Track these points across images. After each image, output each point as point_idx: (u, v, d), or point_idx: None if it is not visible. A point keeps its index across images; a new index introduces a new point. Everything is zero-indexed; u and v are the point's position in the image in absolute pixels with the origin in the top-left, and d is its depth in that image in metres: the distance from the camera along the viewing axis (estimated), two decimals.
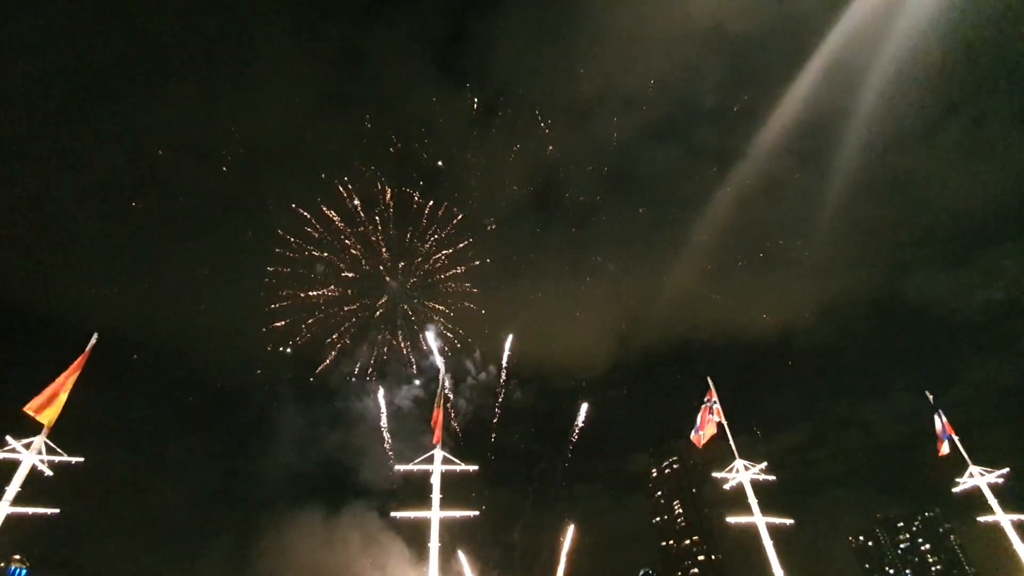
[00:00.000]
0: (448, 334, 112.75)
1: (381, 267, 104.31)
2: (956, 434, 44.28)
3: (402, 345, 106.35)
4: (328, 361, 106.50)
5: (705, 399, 44.49)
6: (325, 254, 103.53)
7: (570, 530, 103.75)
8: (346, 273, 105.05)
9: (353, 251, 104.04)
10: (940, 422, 44.65)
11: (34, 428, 29.46)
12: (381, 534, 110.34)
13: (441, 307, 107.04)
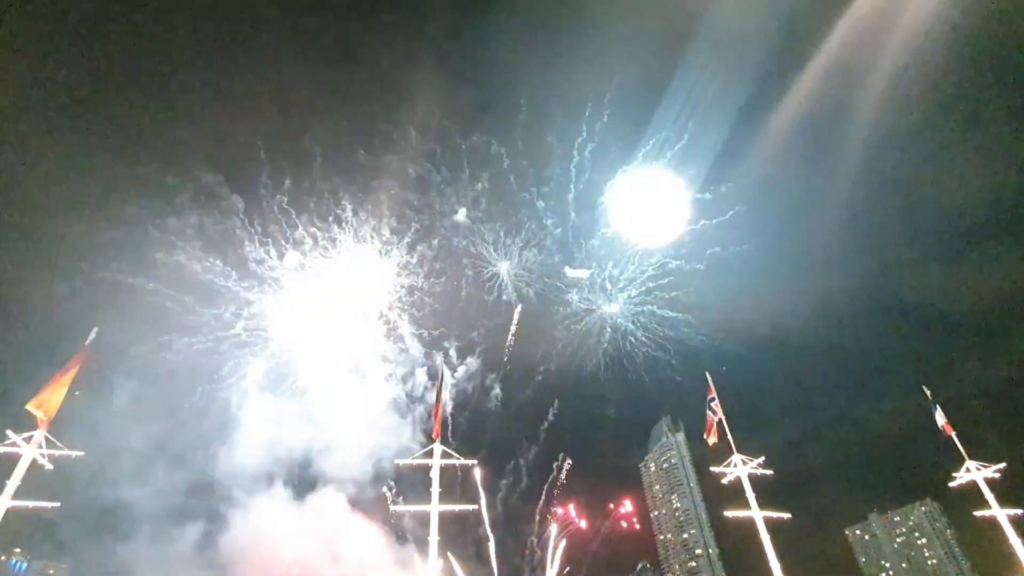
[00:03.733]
0: (429, 331, 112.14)
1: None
2: (953, 430, 44.50)
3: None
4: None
5: (708, 396, 44.84)
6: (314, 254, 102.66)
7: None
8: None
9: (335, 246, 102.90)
10: (940, 417, 44.86)
11: (34, 422, 29.50)
12: (358, 525, 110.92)
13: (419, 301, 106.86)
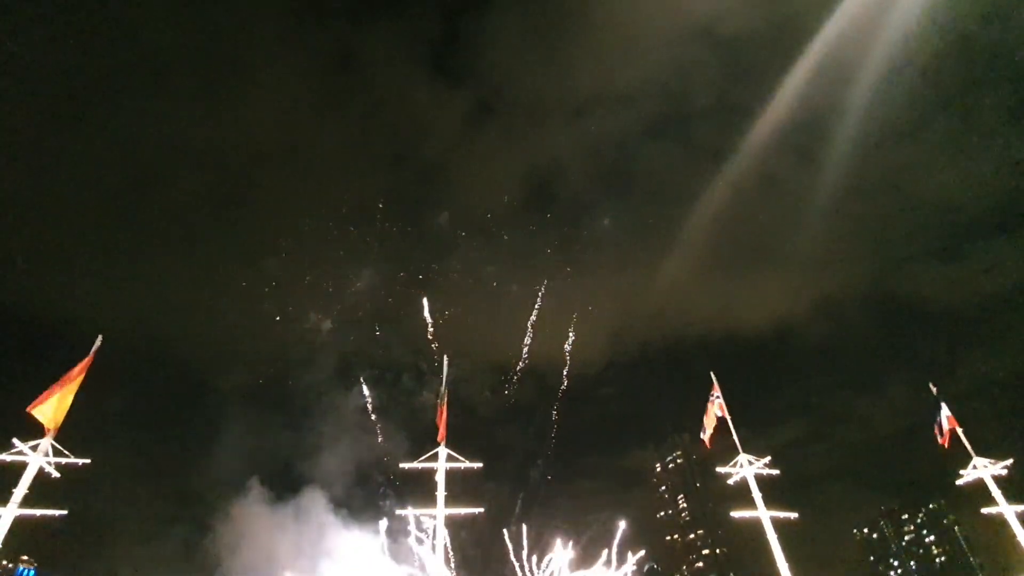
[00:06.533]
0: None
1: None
2: (959, 426, 44.26)
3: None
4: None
5: (711, 394, 44.37)
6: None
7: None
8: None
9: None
10: (942, 414, 44.58)
11: (41, 430, 29.61)
12: (341, 526, 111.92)
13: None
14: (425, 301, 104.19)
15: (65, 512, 30.12)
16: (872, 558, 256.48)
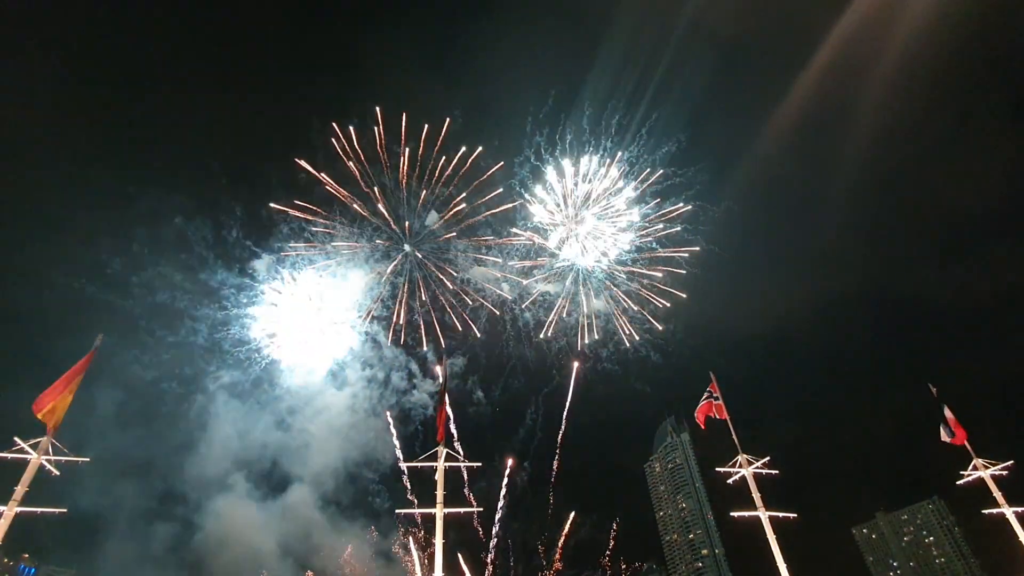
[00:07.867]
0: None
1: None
2: (961, 427, 44.33)
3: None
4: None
5: (708, 391, 44.74)
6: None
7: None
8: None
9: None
10: (946, 414, 44.69)
11: (41, 428, 29.61)
12: (330, 525, 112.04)
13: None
14: (417, 304, 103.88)
15: (64, 510, 30.15)
16: (871, 559, 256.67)
